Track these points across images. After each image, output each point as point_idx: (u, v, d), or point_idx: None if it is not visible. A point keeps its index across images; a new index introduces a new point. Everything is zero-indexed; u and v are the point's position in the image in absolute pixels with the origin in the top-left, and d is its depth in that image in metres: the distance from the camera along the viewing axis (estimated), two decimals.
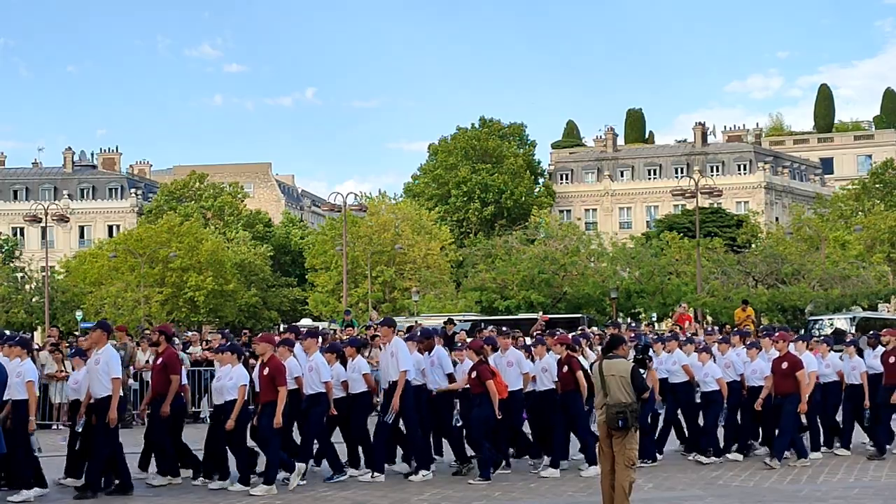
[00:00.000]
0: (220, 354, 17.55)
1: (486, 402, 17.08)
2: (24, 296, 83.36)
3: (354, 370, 17.86)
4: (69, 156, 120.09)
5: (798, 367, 18.55)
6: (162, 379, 17.08)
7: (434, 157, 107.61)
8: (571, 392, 17.94)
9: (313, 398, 17.22)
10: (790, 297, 64.12)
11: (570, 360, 18.11)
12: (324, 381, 17.26)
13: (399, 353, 17.38)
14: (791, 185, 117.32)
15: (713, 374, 19.38)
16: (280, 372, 16.28)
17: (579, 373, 17.91)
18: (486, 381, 17.08)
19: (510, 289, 67.18)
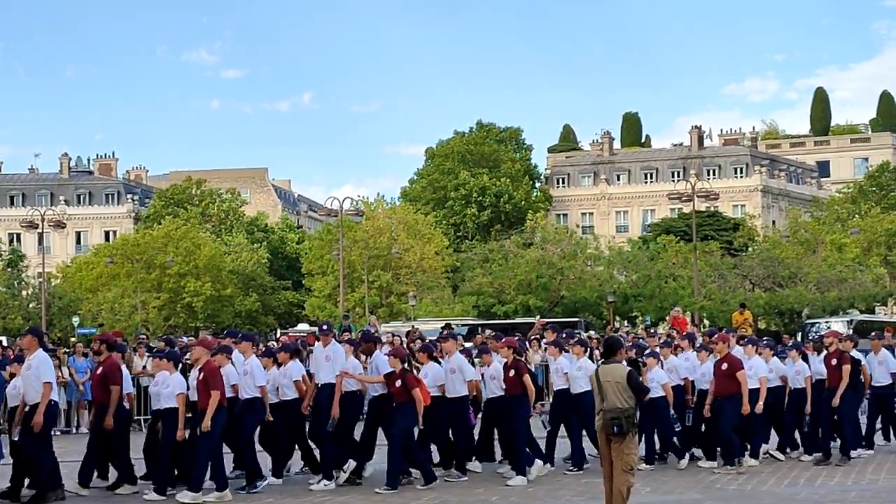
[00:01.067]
0: (158, 361, 17.25)
1: (410, 411, 16.81)
2: (21, 302, 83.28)
3: (285, 376, 17.61)
4: (66, 161, 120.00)
5: (737, 368, 18.39)
6: (103, 390, 16.73)
7: (431, 161, 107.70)
8: (518, 396, 17.67)
9: (248, 403, 16.93)
10: (787, 301, 64.24)
11: (516, 364, 17.82)
12: (258, 386, 16.99)
13: (335, 357, 17.24)
14: (787, 189, 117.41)
15: (658, 379, 18.99)
16: (214, 375, 15.93)
17: (526, 376, 17.69)
18: (413, 389, 16.79)
19: (507, 293, 67.28)
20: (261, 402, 17.02)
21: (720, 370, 18.60)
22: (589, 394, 18.11)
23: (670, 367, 19.60)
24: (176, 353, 17.53)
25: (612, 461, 13.16)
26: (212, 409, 15.72)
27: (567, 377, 18.71)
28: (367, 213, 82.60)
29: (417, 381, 16.99)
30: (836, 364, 19.51)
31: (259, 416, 17.10)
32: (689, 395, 19.40)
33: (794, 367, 20.13)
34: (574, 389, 18.54)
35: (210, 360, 16.28)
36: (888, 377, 20.82)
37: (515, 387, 17.72)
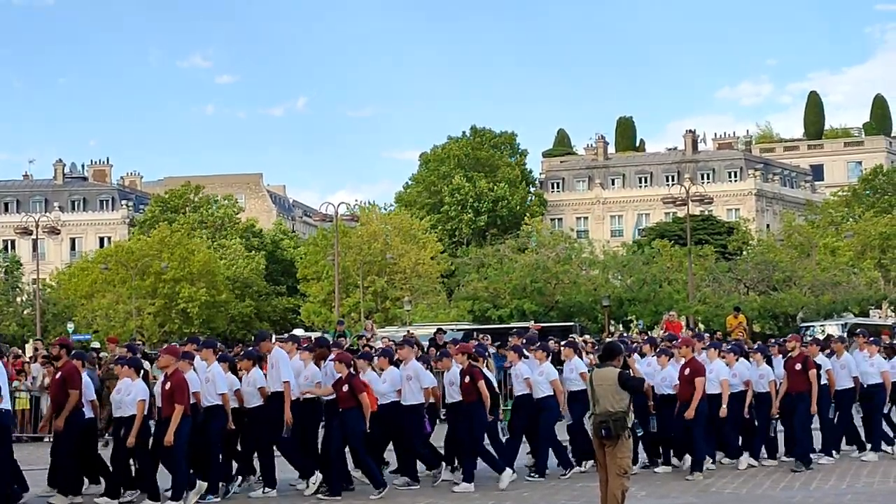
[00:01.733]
0: (120, 367, 17.16)
1: (357, 416, 16.67)
2: (16, 308, 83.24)
3: (249, 383, 17.42)
4: (60, 168, 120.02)
5: (700, 373, 18.15)
6: (61, 394, 16.67)
7: (426, 166, 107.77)
8: (474, 403, 17.51)
9: (210, 411, 16.82)
10: (782, 304, 64.30)
11: (471, 371, 17.64)
12: (220, 394, 16.84)
13: (280, 364, 17.10)
14: (781, 192, 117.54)
15: None
16: (180, 388, 15.82)
17: (481, 382, 17.49)
18: (360, 394, 16.67)
19: (502, 298, 67.26)
20: (223, 410, 16.91)
21: (683, 375, 18.39)
22: (552, 398, 18.34)
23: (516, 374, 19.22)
24: (138, 360, 17.30)
25: (606, 466, 13.20)
26: (174, 424, 15.61)
27: (527, 382, 18.53)
28: (362, 218, 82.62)
29: (364, 386, 16.82)
30: (801, 369, 19.18)
31: (222, 423, 16.96)
32: (651, 401, 19.05)
33: (758, 370, 19.80)
34: (536, 394, 18.39)
35: (178, 369, 16.14)
36: (850, 381, 20.46)
37: (471, 393, 17.55)
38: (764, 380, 19.61)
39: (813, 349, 20.06)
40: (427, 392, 18.11)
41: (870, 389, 20.58)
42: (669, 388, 18.79)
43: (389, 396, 17.86)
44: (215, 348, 17.99)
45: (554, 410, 18.52)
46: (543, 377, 18.50)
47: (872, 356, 20.80)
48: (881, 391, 20.59)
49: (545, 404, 18.40)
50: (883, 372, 20.58)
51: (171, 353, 16.83)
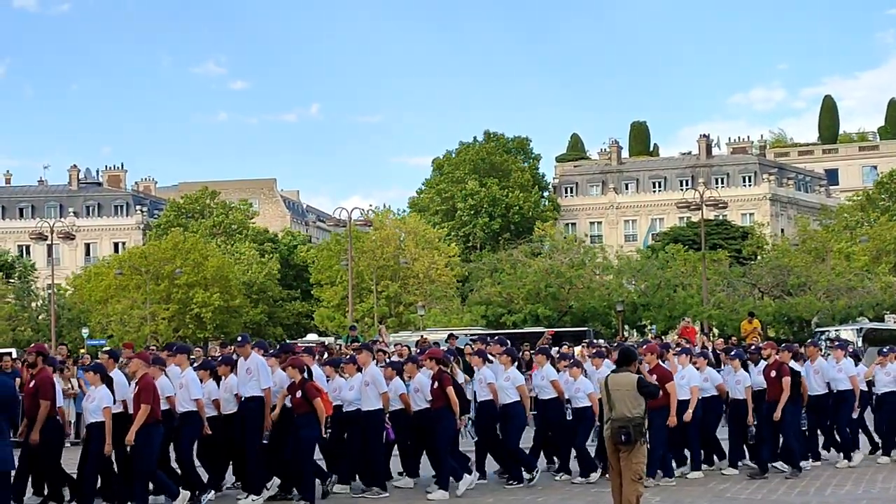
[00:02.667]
0: (88, 374, 17.04)
1: (313, 423, 16.31)
2: (31, 313, 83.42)
3: (227, 389, 17.26)
4: (75, 173, 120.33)
5: (667, 379, 17.83)
6: (34, 405, 16.22)
7: (439, 171, 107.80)
8: (442, 409, 17.35)
9: (184, 416, 16.68)
10: (796, 309, 64.08)
11: (441, 376, 17.49)
12: (194, 399, 16.69)
13: (260, 370, 16.89)
14: (796, 197, 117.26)
15: (585, 389, 18.57)
16: (147, 390, 15.53)
17: (450, 388, 17.33)
18: (314, 399, 16.26)
19: (516, 303, 67.22)
20: (197, 416, 16.77)
21: None
22: (518, 404, 18.09)
23: (600, 377, 19.03)
24: (101, 366, 17.09)
25: (620, 472, 13.18)
26: (137, 423, 15.34)
27: (491, 388, 18.30)
28: (375, 223, 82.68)
29: (318, 391, 16.49)
30: (776, 376, 18.87)
31: (196, 430, 16.81)
32: None
33: (734, 376, 19.49)
34: (502, 400, 18.13)
35: (147, 373, 15.94)
36: (824, 387, 20.27)
37: (439, 399, 17.38)
38: (740, 386, 19.23)
39: (785, 355, 19.65)
40: (384, 397, 17.64)
41: (839, 395, 20.32)
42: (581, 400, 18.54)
43: (356, 403, 17.66)
44: (189, 353, 17.94)
45: (520, 417, 18.27)
46: (510, 383, 18.21)
47: (840, 361, 20.58)
48: (850, 397, 20.32)
49: (511, 411, 18.13)
50: (851, 377, 20.34)
51: (142, 358, 16.56)
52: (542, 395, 19.00)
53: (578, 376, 18.80)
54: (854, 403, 20.39)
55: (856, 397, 20.36)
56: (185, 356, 17.60)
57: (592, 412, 18.36)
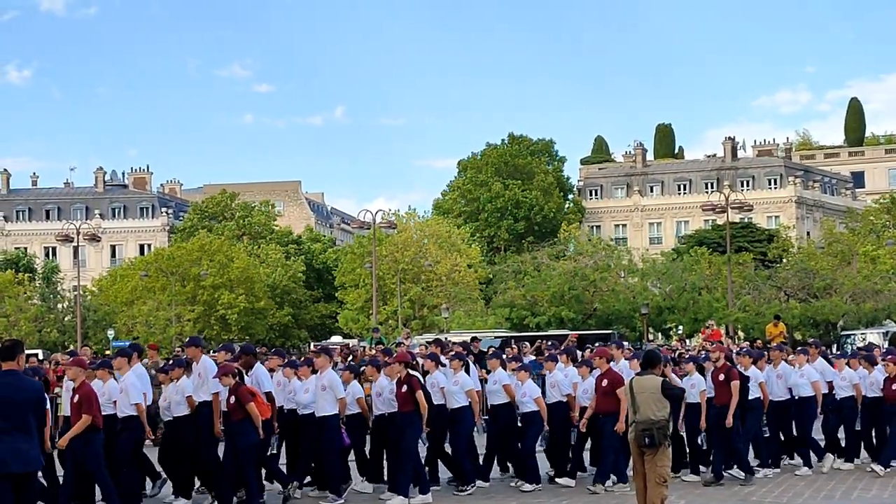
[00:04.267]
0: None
1: (249, 429, 15.80)
2: (57, 315, 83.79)
3: (177, 391, 17.00)
4: (101, 175, 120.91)
5: (618, 384, 17.43)
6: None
7: (463, 173, 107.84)
8: (410, 413, 16.98)
9: (123, 422, 16.35)
10: (822, 312, 63.78)
11: (409, 380, 17.09)
12: (133, 404, 16.33)
13: (208, 374, 16.59)
14: (822, 200, 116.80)
15: (531, 393, 18.22)
16: (88, 400, 15.14)
17: (419, 392, 16.96)
18: (246, 404, 15.79)
19: (540, 305, 67.11)
20: (138, 421, 16.44)
21: (601, 386, 17.78)
22: (467, 409, 17.75)
23: (552, 381, 18.82)
24: (39, 369, 16.84)
25: (644, 474, 13.15)
26: (73, 432, 15.11)
27: (443, 392, 17.94)
28: (399, 225, 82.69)
29: (252, 395, 16.00)
30: (724, 380, 18.50)
31: (136, 435, 16.52)
32: (574, 412, 18.58)
33: (689, 380, 19.06)
34: (451, 405, 17.78)
35: (86, 381, 15.64)
36: (786, 392, 19.80)
37: (407, 403, 17.02)
38: (695, 390, 18.78)
39: (745, 360, 19.36)
40: (342, 402, 17.29)
41: (802, 401, 19.86)
42: (588, 400, 18.29)
43: (311, 407, 17.40)
44: (130, 357, 17.53)
45: (468, 421, 17.95)
46: (458, 387, 17.89)
47: (802, 366, 20.17)
48: (812, 402, 19.81)
49: (459, 415, 17.81)
50: (814, 382, 19.85)
51: (78, 364, 16.20)
52: (493, 399, 18.58)
53: (526, 380, 18.36)
54: (817, 409, 19.86)
55: (818, 403, 19.78)
56: (125, 360, 17.23)
57: (540, 417, 18.06)
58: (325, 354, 18.15)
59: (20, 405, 10.96)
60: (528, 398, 18.18)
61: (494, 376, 18.74)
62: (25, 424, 10.95)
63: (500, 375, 18.63)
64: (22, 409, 10.97)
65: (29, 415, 11.03)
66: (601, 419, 17.70)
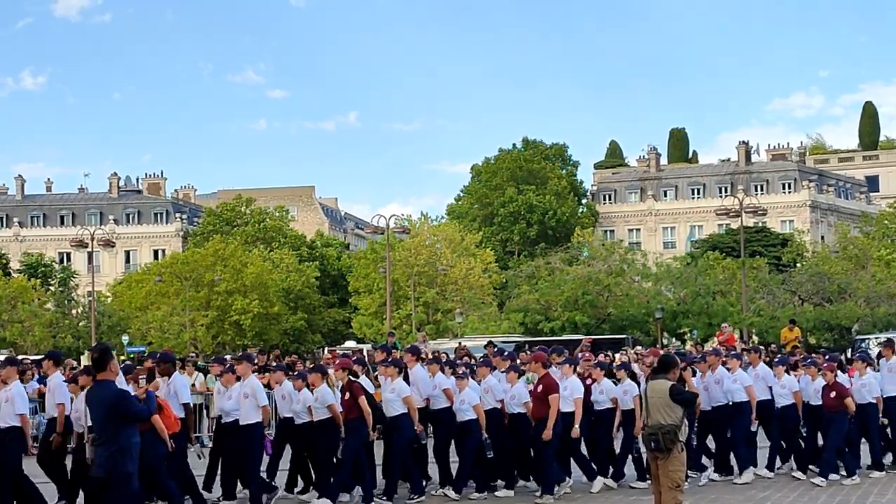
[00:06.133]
0: None
1: (154, 439, 15.10)
2: (71, 320, 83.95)
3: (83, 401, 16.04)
4: (115, 181, 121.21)
5: (552, 390, 17.19)
6: None
7: (477, 178, 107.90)
8: (354, 420, 16.66)
9: (7, 433, 15.64)
10: (836, 316, 63.67)
11: (351, 386, 16.83)
12: (18, 414, 15.68)
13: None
14: (836, 204, 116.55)
15: (470, 401, 17.79)
16: None
17: (362, 399, 16.66)
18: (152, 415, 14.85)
19: (554, 310, 67.09)
20: (21, 432, 15.83)
21: (536, 392, 17.46)
22: (405, 417, 17.31)
23: (486, 387, 18.35)
24: None
25: (659, 478, 13.12)
26: None
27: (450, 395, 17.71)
28: (413, 230, 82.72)
29: (160, 407, 15.25)
30: None
31: (19, 447, 15.94)
32: None
33: (622, 386, 18.88)
34: (388, 413, 17.36)
35: None
36: (721, 398, 19.31)
37: (351, 410, 16.73)
38: (628, 396, 18.58)
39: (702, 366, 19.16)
40: (265, 410, 16.88)
41: (735, 407, 19.31)
42: (519, 407, 17.92)
43: (234, 414, 16.96)
44: (18, 366, 17.17)
45: (407, 430, 17.41)
46: (395, 394, 17.43)
47: (734, 371, 19.59)
48: (746, 408, 19.34)
49: (397, 423, 17.37)
50: (747, 387, 19.37)
51: None
52: (434, 404, 18.30)
53: (465, 387, 17.91)
54: (751, 416, 19.44)
55: (752, 409, 19.36)
56: (14, 369, 16.63)
57: (478, 424, 17.65)
58: (247, 361, 17.58)
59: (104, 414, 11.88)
60: (466, 405, 17.77)
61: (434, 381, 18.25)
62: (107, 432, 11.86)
63: (440, 380, 18.28)
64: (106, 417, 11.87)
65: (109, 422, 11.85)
66: (535, 426, 17.36)
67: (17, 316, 77.80)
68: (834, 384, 19.17)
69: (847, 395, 19.10)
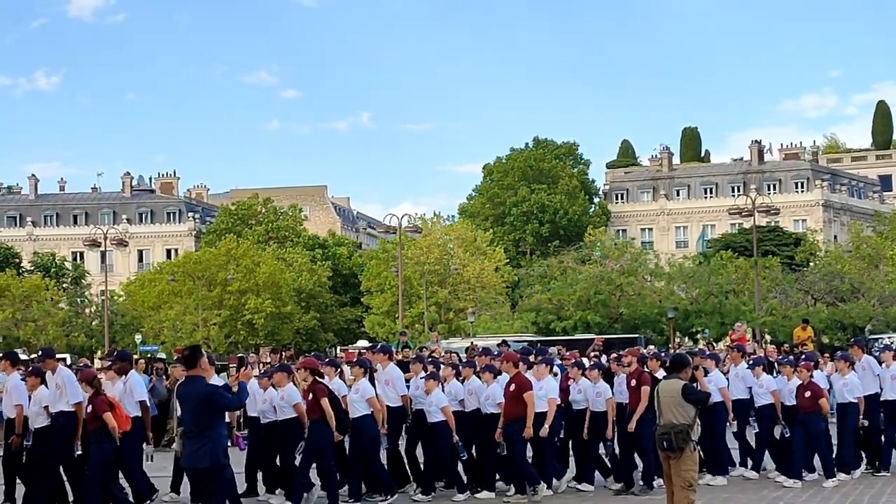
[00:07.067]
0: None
1: (103, 439, 15.24)
2: (84, 319, 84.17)
3: (36, 402, 16.27)
4: (128, 180, 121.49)
5: (525, 389, 17.04)
6: None
7: (489, 177, 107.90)
8: (317, 422, 16.36)
9: None
10: (849, 316, 63.50)
11: (315, 387, 16.55)
12: None
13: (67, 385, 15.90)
14: (849, 203, 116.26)
15: (438, 402, 17.63)
16: None
17: (324, 400, 16.34)
18: (103, 413, 15.24)
19: (566, 309, 67.04)
20: None
21: (509, 392, 17.27)
22: (369, 418, 17.11)
23: (470, 388, 18.25)
24: None
25: (671, 478, 13.14)
26: None
27: (344, 400, 17.31)
28: (425, 229, 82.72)
29: (110, 406, 15.35)
30: (636, 385, 17.91)
31: None
32: None
33: (594, 387, 18.62)
34: (353, 414, 17.07)
35: None
36: None
37: (314, 411, 16.44)
38: (601, 398, 18.43)
39: (653, 364, 18.77)
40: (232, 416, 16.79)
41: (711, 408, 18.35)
42: (494, 408, 17.74)
43: None
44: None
45: (370, 430, 17.13)
46: (359, 395, 17.16)
47: (711, 372, 19.50)
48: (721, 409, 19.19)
49: (360, 424, 17.08)
50: (721, 389, 19.21)
51: None
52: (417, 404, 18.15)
53: (434, 389, 17.74)
54: (727, 415, 19.38)
55: (727, 410, 19.30)
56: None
57: (447, 427, 17.47)
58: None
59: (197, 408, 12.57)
60: (434, 408, 17.61)
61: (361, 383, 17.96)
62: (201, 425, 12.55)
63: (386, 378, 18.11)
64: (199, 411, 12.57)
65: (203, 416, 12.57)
66: (508, 426, 17.21)
67: (31, 315, 78.00)
68: (809, 384, 18.89)
69: (822, 395, 18.83)
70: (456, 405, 18.07)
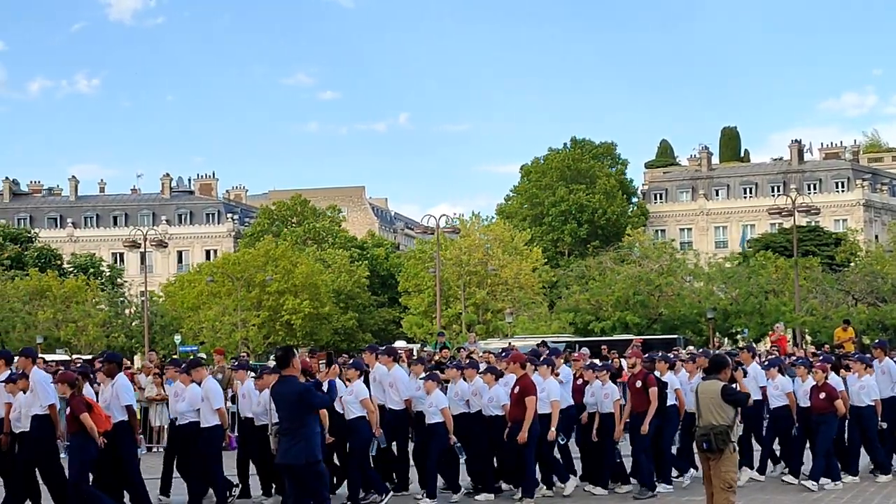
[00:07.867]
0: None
1: (82, 441, 15.02)
2: (124, 320, 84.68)
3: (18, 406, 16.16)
4: (167, 182, 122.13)
5: (528, 392, 16.88)
6: None
7: (527, 177, 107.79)
8: None
9: None
10: (890, 316, 63.01)
11: None
12: None
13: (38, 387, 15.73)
14: (890, 203, 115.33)
15: (437, 404, 17.41)
16: None
17: None
18: (80, 414, 14.99)
19: (605, 310, 66.86)
20: None
21: (513, 394, 17.18)
22: (363, 420, 16.95)
23: (474, 389, 18.04)
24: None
25: (711, 479, 13.07)
26: None
27: (340, 402, 17.10)
28: (463, 230, 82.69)
29: (88, 406, 15.15)
30: (641, 387, 17.82)
31: None
32: None
33: (602, 389, 18.42)
34: (347, 415, 17.02)
35: None
36: None
37: None
38: (609, 399, 18.26)
39: (661, 366, 18.77)
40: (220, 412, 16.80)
41: None
42: (498, 409, 17.65)
43: (188, 416, 17.02)
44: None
45: (364, 432, 17.02)
46: (353, 397, 17.06)
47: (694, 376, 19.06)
48: None
49: (355, 426, 17.01)
50: (676, 390, 18.83)
51: None
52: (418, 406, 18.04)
53: (433, 390, 17.53)
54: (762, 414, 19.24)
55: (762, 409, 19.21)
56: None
57: (445, 428, 17.32)
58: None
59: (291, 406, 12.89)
60: (434, 409, 17.44)
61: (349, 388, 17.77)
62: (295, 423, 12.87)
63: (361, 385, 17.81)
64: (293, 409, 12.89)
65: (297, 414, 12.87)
66: (511, 428, 17.08)
67: (72, 316, 78.51)
68: (823, 385, 18.67)
69: (836, 396, 18.56)
70: (462, 406, 18.03)
